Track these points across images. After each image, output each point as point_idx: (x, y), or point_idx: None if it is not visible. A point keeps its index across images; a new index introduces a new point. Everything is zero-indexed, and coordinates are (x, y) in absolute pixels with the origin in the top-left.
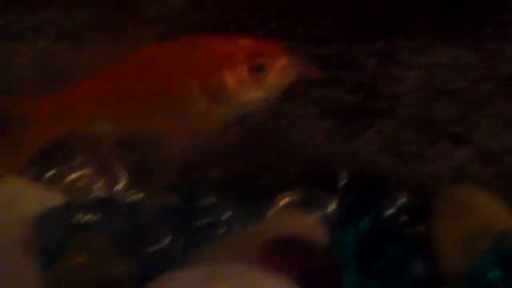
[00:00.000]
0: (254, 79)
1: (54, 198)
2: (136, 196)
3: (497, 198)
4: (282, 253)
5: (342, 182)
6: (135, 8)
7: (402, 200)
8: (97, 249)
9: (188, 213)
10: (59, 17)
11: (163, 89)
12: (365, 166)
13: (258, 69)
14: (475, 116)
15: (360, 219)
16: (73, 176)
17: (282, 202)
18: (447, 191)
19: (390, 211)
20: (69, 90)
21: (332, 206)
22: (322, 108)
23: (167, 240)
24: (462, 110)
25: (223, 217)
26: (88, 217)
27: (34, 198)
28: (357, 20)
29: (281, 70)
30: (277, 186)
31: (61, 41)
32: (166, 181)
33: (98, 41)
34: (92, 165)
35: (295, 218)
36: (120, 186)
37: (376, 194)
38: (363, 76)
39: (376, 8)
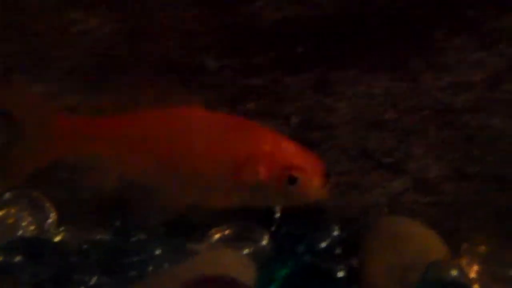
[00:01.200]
0: (284, 188)
1: None
2: (65, 234)
3: (430, 228)
4: None
5: (276, 215)
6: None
7: (336, 232)
8: None
9: (118, 250)
10: None
11: (193, 156)
12: None
13: (291, 182)
14: (408, 146)
15: (293, 253)
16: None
17: (215, 237)
18: (380, 222)
19: (323, 244)
20: (104, 118)
21: (265, 240)
22: None
23: (93, 281)
24: (395, 140)
25: (153, 254)
26: (10, 258)
27: None
28: (290, 52)
29: (312, 189)
30: (209, 220)
31: None
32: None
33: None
34: (19, 202)
35: (225, 254)
36: (49, 223)
37: (310, 226)
38: (297, 107)
39: (309, 39)
